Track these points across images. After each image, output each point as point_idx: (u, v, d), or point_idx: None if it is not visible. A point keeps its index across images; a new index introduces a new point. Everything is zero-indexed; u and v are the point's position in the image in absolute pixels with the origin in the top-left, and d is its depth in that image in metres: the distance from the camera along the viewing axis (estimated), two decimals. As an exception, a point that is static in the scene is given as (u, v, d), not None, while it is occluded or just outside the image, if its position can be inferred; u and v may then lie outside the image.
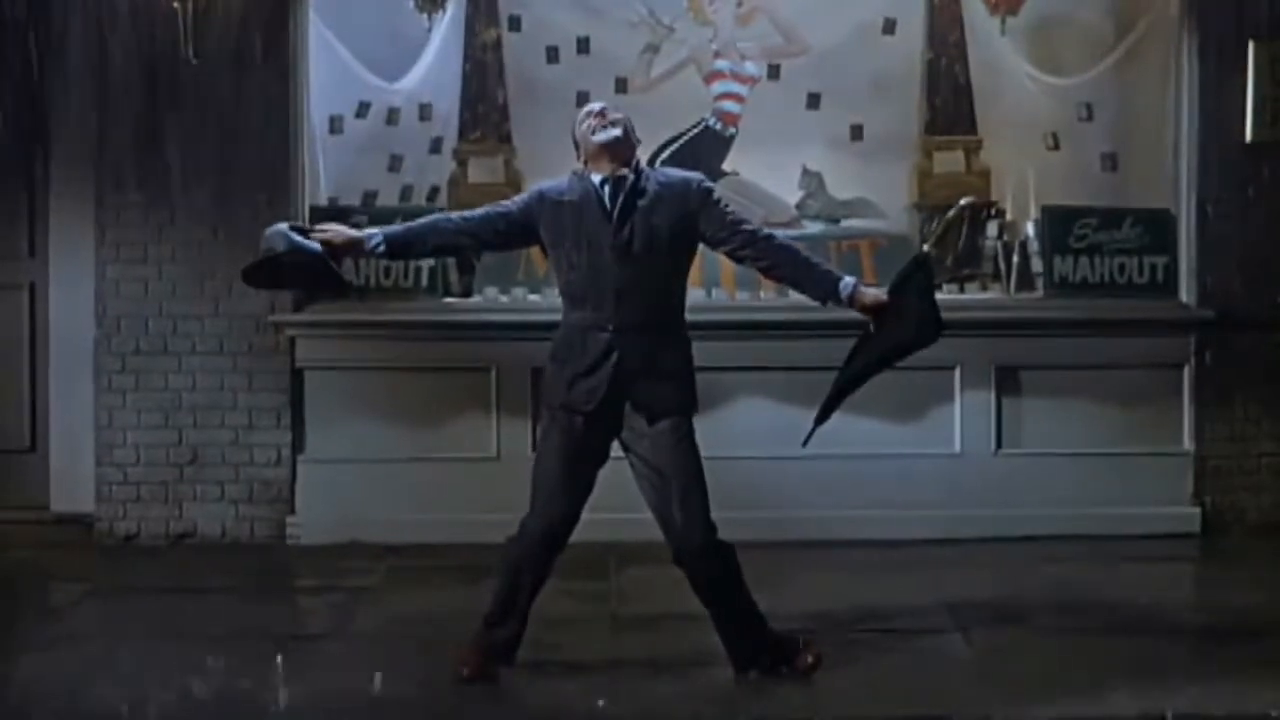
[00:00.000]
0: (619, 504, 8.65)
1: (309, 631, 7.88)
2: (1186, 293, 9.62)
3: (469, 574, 8.53)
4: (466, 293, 9.79)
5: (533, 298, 9.74)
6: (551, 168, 9.47)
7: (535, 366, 8.87)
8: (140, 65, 9.34)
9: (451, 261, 9.80)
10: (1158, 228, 9.63)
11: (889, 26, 10.37)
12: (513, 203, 7.02)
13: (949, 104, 10.42)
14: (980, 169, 10.37)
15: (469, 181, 10.30)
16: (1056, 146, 10.22)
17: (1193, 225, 9.58)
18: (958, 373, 9.47)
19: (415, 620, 7.90)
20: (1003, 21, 10.29)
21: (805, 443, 7.14)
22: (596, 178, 6.84)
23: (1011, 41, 10.32)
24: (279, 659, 7.16)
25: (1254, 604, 8.04)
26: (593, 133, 6.84)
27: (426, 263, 9.48)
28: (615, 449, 7.16)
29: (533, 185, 7.22)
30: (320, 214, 9.34)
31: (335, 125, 9.88)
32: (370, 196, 9.93)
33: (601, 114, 6.88)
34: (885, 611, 7.86)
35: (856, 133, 10.29)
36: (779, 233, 7.20)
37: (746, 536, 8.27)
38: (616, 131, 6.80)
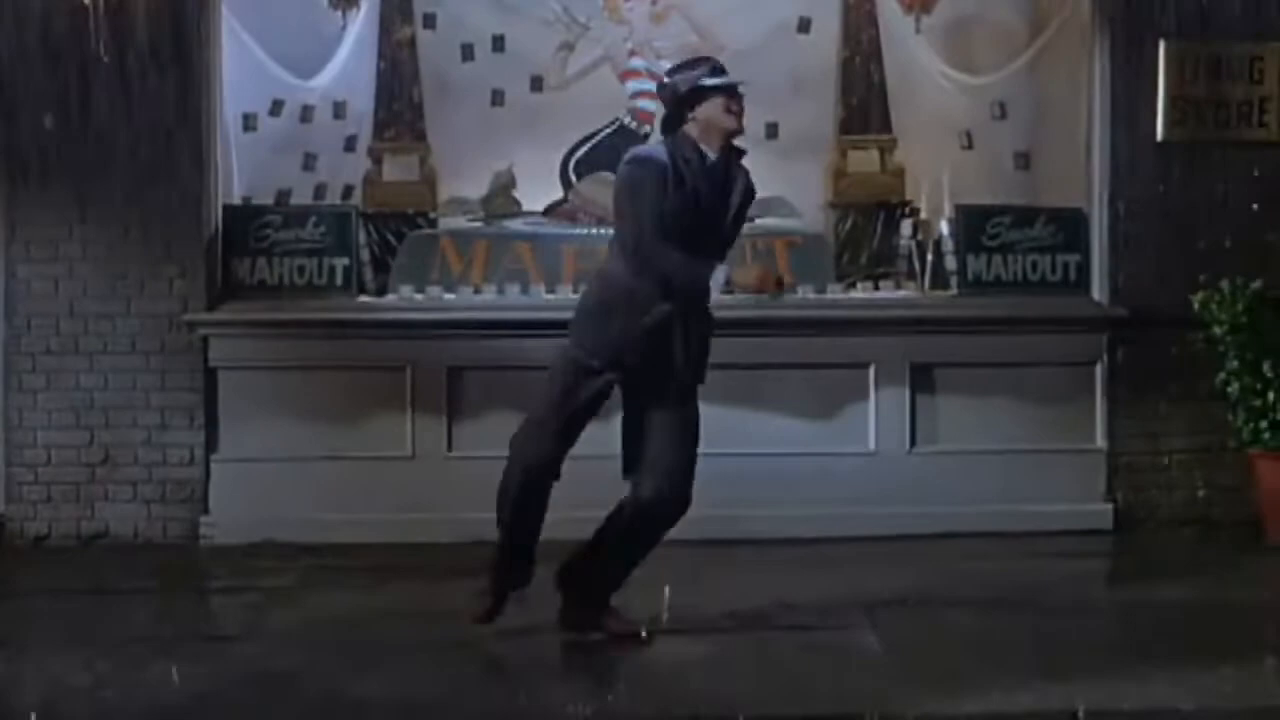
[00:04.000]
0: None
1: (223, 632, 7.81)
2: (1099, 291, 9.67)
3: (384, 573, 8.59)
4: (381, 291, 9.78)
5: (448, 296, 9.71)
6: (467, 165, 10.09)
7: (451, 365, 9.25)
8: (51, 61, 9.26)
9: (366, 258, 9.83)
10: (1070, 226, 9.69)
11: (804, 25, 10.42)
12: (653, 195, 6.98)
13: (864, 103, 10.49)
14: (894, 168, 10.45)
15: (384, 180, 10.33)
16: (970, 145, 10.29)
17: (1105, 223, 9.63)
18: (872, 371, 9.48)
19: (330, 620, 7.84)
20: (917, 21, 10.37)
21: None
22: (711, 153, 6.96)
23: (926, 41, 10.39)
24: (192, 660, 7.10)
25: (1165, 599, 8.09)
26: (726, 115, 6.97)
27: (341, 260, 9.47)
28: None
29: (637, 157, 7.10)
30: (233, 212, 9.45)
31: (249, 123, 9.86)
32: (284, 194, 9.92)
33: (737, 98, 7.05)
34: (801, 609, 7.85)
35: (772, 131, 10.27)
36: None
37: (668, 535, 8.42)
38: (741, 123, 7.03)
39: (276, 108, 9.94)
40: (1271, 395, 8.99)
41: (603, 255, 9.22)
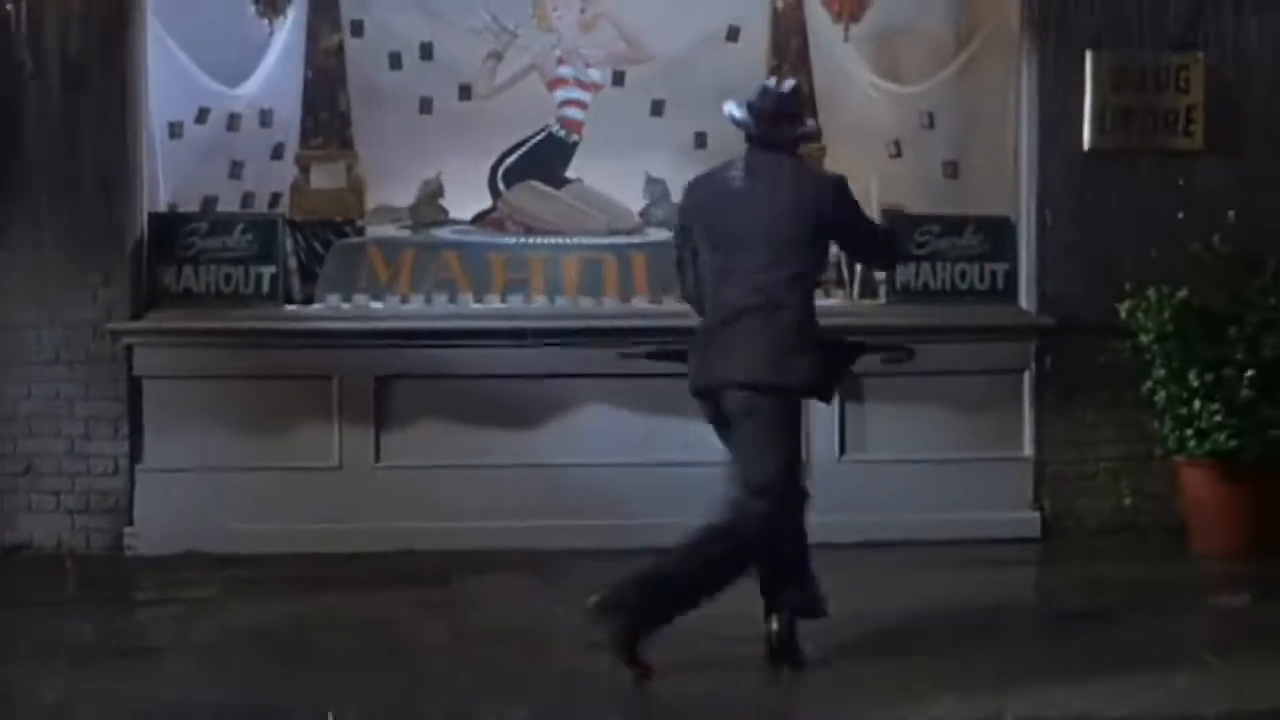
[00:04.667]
0: (463, 512, 9.11)
1: (146, 644, 7.74)
2: (1026, 299, 9.71)
3: (310, 584, 8.55)
4: (308, 300, 9.71)
5: (375, 305, 9.66)
6: (394, 173, 9.99)
7: (378, 375, 9.21)
8: (-27, 69, 9.09)
9: (294, 267, 9.77)
10: (998, 235, 9.73)
11: (733, 34, 10.35)
12: None
13: None
14: None
15: (311, 188, 10.23)
16: (899, 154, 10.27)
17: (1033, 232, 9.68)
18: None
19: (254, 632, 7.78)
20: (846, 30, 10.33)
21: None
22: None
23: (854, 50, 10.36)
24: (113, 673, 7.04)
25: (1091, 608, 8.11)
26: None
27: (268, 269, 9.43)
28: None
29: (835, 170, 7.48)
30: (159, 220, 9.39)
31: (175, 131, 9.77)
32: (210, 202, 9.83)
33: None
34: (728, 619, 7.71)
35: (701, 140, 10.20)
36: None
37: (596, 544, 8.82)
38: None
39: (203, 115, 9.85)
40: (1197, 403, 9.00)
41: (533, 264, 9.63)
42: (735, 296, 6.74)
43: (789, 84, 7.14)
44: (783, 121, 6.93)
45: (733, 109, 7.04)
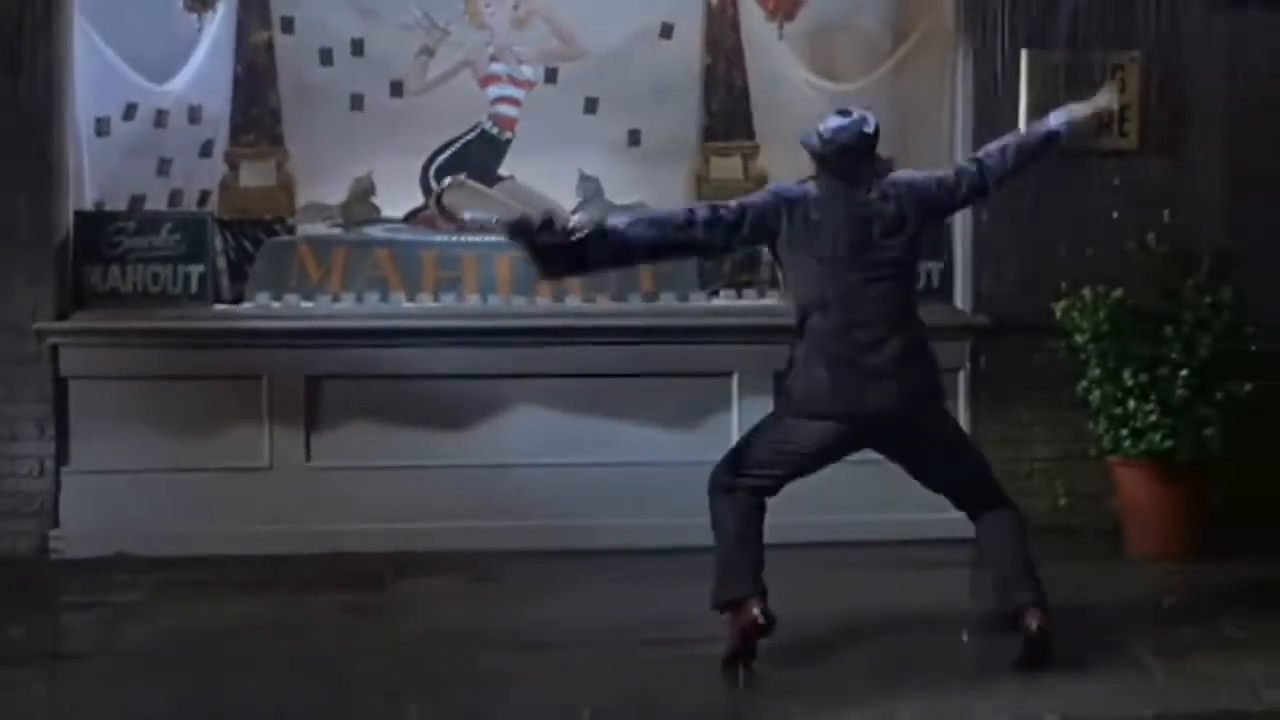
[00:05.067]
0: (395, 513, 9.06)
1: (72, 649, 7.63)
2: (961, 298, 9.70)
3: (240, 587, 8.47)
4: (238, 299, 9.61)
5: (306, 304, 9.57)
6: (325, 171, 9.92)
7: (309, 374, 9.16)
8: (-106, 66, 8.94)
9: (223, 266, 9.68)
10: (933, 233, 9.41)
11: (666, 31, 10.27)
12: None
13: (727, 110, 10.34)
14: (758, 174, 10.23)
15: (240, 185, 10.08)
16: None
17: (968, 231, 9.65)
18: (735, 380, 9.44)
19: (182, 637, 7.68)
20: (780, 27, 10.27)
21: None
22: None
23: (789, 47, 10.28)
24: (38, 679, 6.95)
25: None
26: None
27: (196, 268, 9.37)
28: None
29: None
30: (85, 219, 9.30)
31: (101, 127, 9.64)
32: (138, 200, 9.69)
33: None
34: (663, 621, 7.74)
35: (634, 138, 10.20)
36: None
37: (523, 545, 8.88)
38: None
39: (130, 112, 9.71)
40: (1132, 403, 8.98)
41: (465, 263, 9.60)
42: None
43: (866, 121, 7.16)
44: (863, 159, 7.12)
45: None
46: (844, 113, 7.13)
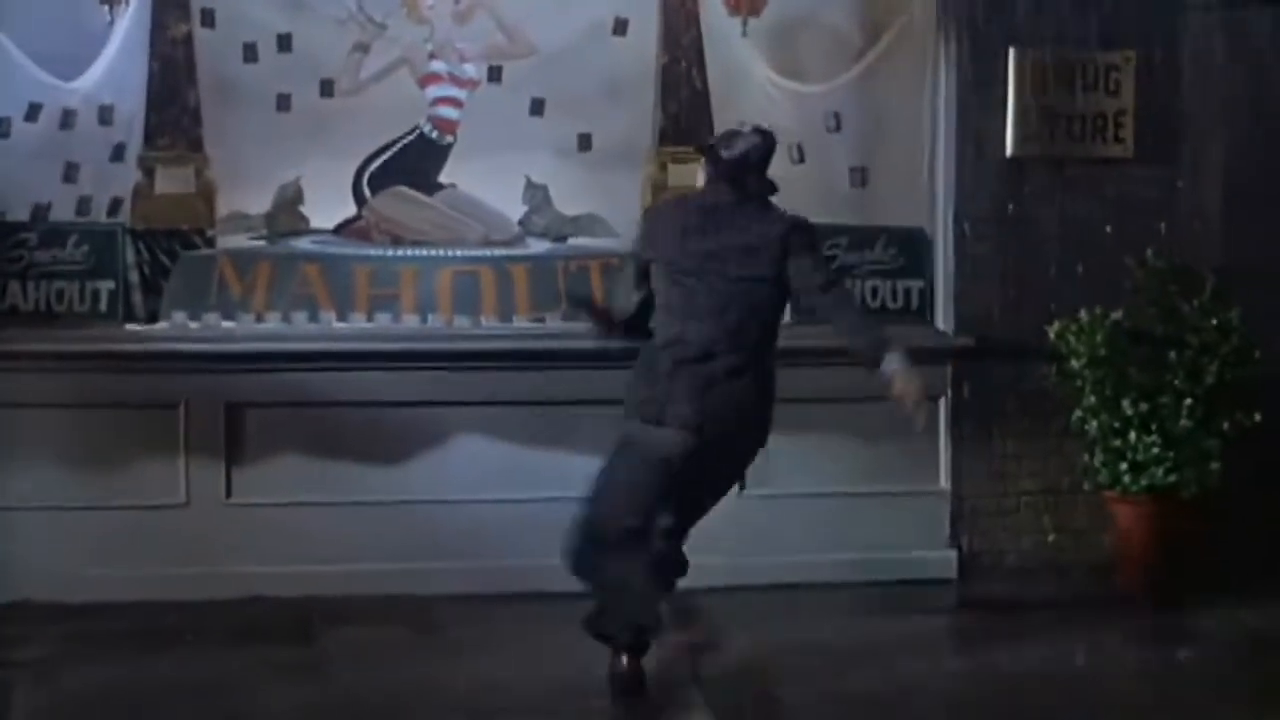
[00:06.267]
0: (325, 555, 8.61)
1: (-36, 717, 6.98)
2: (943, 319, 9.31)
3: (152, 640, 7.97)
4: (152, 318, 9.05)
5: (227, 324, 9.02)
6: (249, 177, 9.42)
7: (230, 402, 8.67)
8: None
9: (135, 280, 9.11)
10: (912, 248, 9.31)
11: (620, 27, 9.69)
12: None
13: (685, 111, 9.71)
14: None
15: (156, 193, 9.43)
16: (801, 159, 9.57)
17: (950, 245, 9.28)
18: None
19: (89, 699, 7.14)
20: (744, 23, 9.70)
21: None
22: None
23: (753, 44, 9.69)
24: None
25: (1012, 662, 7.75)
26: None
27: (106, 284, 8.89)
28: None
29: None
30: (-18, 230, 8.64)
31: (1, 130, 9.03)
32: (42, 209, 9.07)
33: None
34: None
35: (585, 142, 9.62)
36: None
37: (468, 588, 8.59)
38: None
39: (33, 112, 9.07)
40: (1132, 434, 8.55)
41: (402, 278, 9.21)
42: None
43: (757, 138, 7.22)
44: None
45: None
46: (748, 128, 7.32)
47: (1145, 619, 8.47)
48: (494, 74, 9.63)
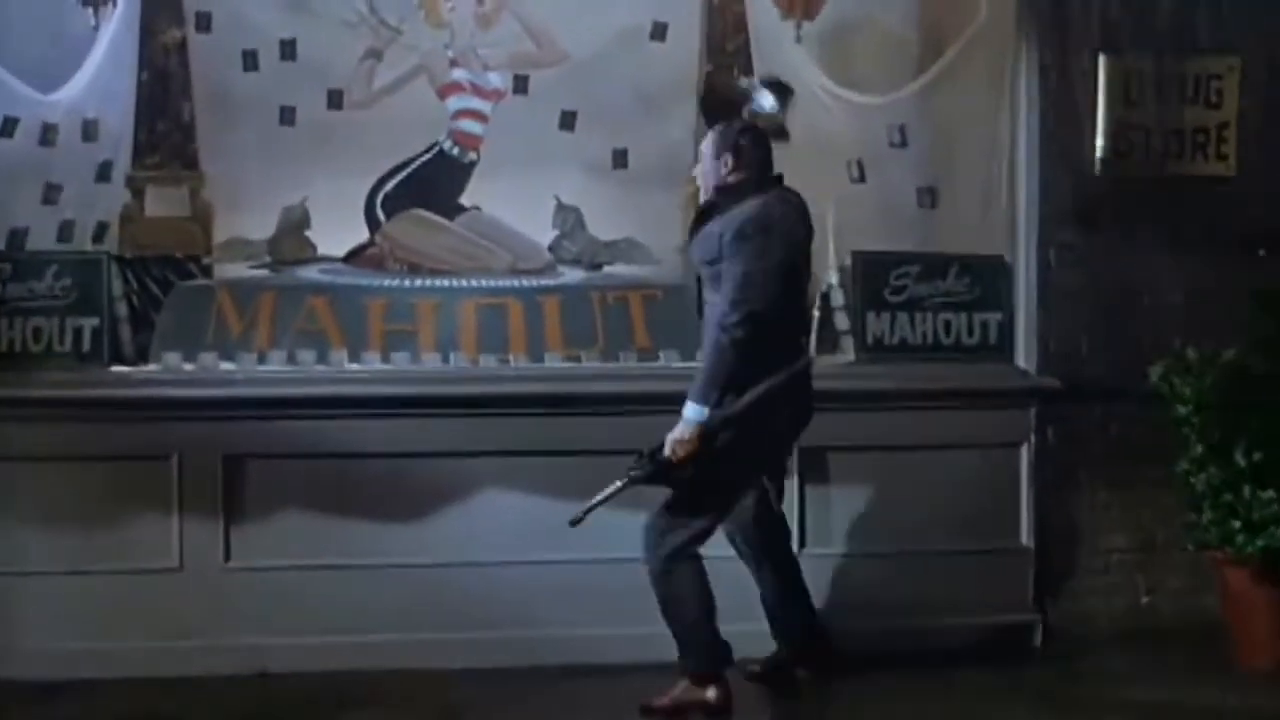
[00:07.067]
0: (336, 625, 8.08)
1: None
2: (1025, 356, 8.84)
3: None
4: (141, 358, 8.60)
5: (226, 366, 8.54)
6: (249, 199, 9.14)
7: (229, 453, 8.21)
8: None
9: (124, 314, 8.69)
10: (990, 278, 8.83)
11: (659, 31, 9.26)
12: None
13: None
14: None
15: (146, 216, 9.09)
16: (862, 178, 9.10)
17: (1032, 275, 8.84)
18: None
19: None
20: (798, 27, 9.25)
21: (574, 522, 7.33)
22: None
23: (807, 51, 9.24)
24: None
25: None
26: None
27: (90, 321, 8.37)
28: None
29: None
30: (-50, 259, 8.29)
31: (-28, 146, 8.73)
32: (18, 235, 8.63)
33: None
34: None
35: (620, 159, 9.22)
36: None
37: (495, 661, 8.07)
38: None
39: (9, 127, 8.64)
40: (1246, 489, 7.91)
41: (420, 313, 8.89)
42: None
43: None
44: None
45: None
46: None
47: (1260, 696, 7.73)
48: (520, 84, 9.39)
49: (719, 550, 7.49)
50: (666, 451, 7.11)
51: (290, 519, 8.24)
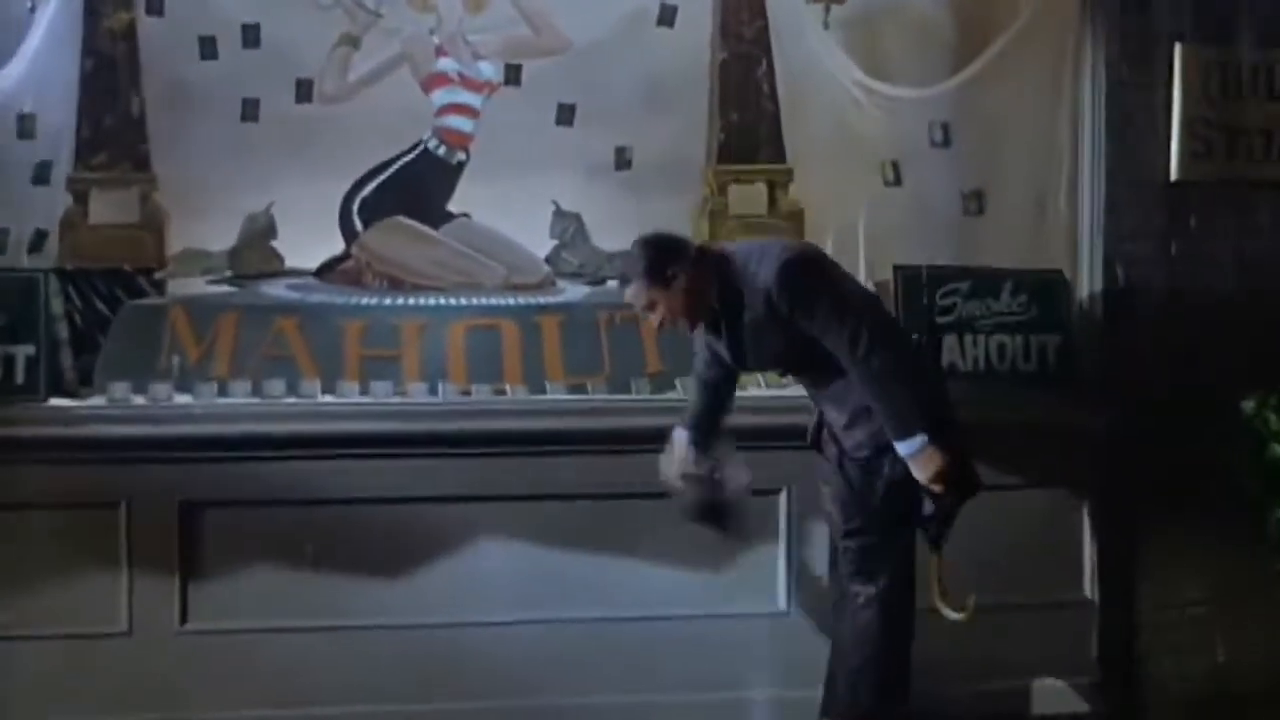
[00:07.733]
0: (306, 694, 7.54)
1: None
2: (1088, 384, 8.15)
3: None
4: (85, 381, 7.93)
5: (181, 398, 7.83)
6: (208, 204, 8.61)
7: (185, 499, 7.57)
8: None
9: (65, 336, 8.03)
10: (1048, 295, 8.18)
11: (667, 16, 8.69)
12: None
13: (748, 121, 8.78)
14: (790, 209, 8.71)
15: (90, 224, 8.48)
16: (898, 180, 8.56)
17: (1097, 292, 8.19)
18: (784, 498, 7.82)
19: None
20: (826, 11, 8.68)
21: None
22: None
23: (836, 39, 8.70)
24: None
25: None
26: None
27: (24, 349, 7.69)
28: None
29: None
30: None
31: (-108, 145, 8.20)
32: None
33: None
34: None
35: (623, 158, 8.68)
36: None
37: None
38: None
39: None
40: None
41: (404, 335, 8.43)
42: None
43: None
44: None
45: None
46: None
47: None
48: (513, 75, 8.88)
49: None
50: (929, 484, 6.67)
51: (255, 575, 7.65)
